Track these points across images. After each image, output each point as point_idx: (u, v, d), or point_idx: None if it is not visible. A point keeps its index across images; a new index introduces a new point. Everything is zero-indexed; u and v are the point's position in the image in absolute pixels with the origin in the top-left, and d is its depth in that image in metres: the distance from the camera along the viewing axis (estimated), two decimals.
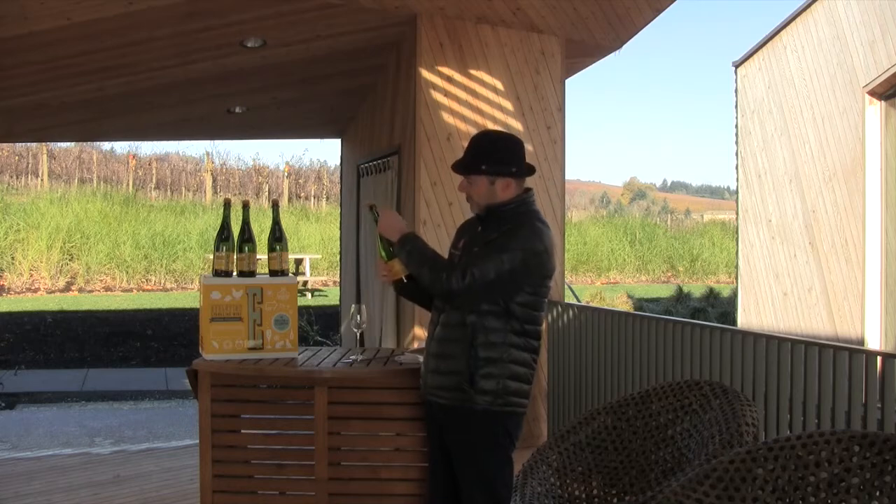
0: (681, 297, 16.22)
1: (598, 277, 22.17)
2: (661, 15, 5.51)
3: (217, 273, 3.33)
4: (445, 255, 2.99)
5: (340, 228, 8.65)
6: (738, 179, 10.27)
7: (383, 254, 2.97)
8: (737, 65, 10.11)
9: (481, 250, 2.75)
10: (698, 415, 2.61)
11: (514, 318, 2.73)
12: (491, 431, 2.77)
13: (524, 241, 2.74)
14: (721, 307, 14.93)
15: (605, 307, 8.51)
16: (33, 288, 17.37)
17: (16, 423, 7.91)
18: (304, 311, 10.90)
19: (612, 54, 6.21)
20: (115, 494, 4.51)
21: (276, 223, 3.39)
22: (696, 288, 17.95)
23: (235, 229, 3.39)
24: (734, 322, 10.56)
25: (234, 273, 3.36)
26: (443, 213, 5.24)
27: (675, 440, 2.66)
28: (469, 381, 2.72)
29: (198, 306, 3.38)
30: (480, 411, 2.73)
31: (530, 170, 2.90)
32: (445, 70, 5.27)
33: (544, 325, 3.03)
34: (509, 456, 2.82)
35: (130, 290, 17.82)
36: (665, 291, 18.49)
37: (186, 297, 16.44)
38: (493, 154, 2.82)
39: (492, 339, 2.72)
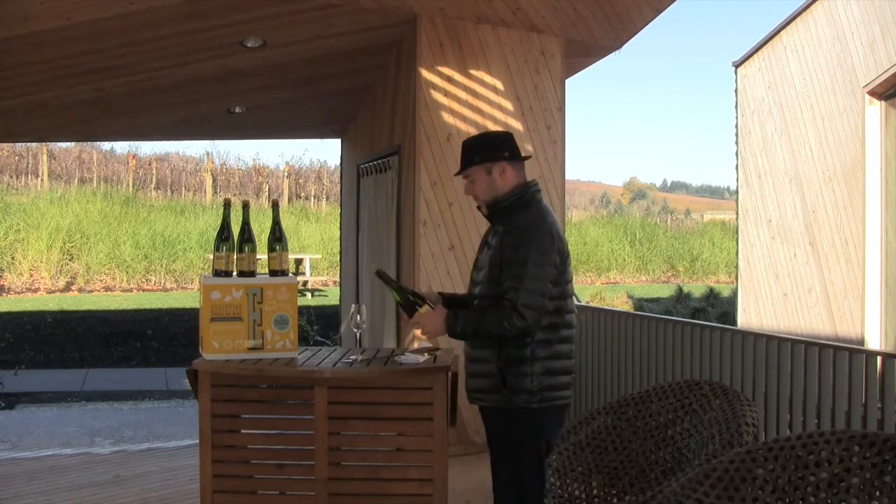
0: (681, 297, 16.22)
1: (598, 277, 22.17)
2: (661, 15, 5.51)
3: (217, 273, 3.33)
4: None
5: (340, 228, 8.65)
6: (738, 179, 10.27)
7: (408, 313, 3.02)
8: (737, 65, 10.11)
9: (507, 274, 2.77)
10: (698, 415, 2.61)
11: None
12: (529, 429, 2.85)
13: (529, 236, 2.80)
14: (721, 307, 14.93)
15: (605, 307, 8.51)
16: (33, 288, 17.37)
17: (16, 423, 7.91)
18: (304, 311, 10.90)
19: (612, 54, 6.22)
20: (115, 494, 4.51)
21: (276, 223, 3.39)
22: (696, 288, 17.95)
23: (235, 229, 3.38)
24: (734, 322, 10.56)
25: (234, 273, 3.36)
26: (443, 213, 5.24)
27: (675, 440, 2.66)
28: (501, 381, 2.82)
29: (198, 306, 3.38)
30: (517, 409, 2.82)
31: (523, 155, 3.00)
32: (445, 70, 5.28)
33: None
34: (543, 452, 2.87)
35: (130, 290, 17.82)
36: (665, 291, 18.49)
37: (186, 297, 16.43)
38: (482, 146, 2.97)
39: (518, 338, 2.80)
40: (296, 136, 16.89)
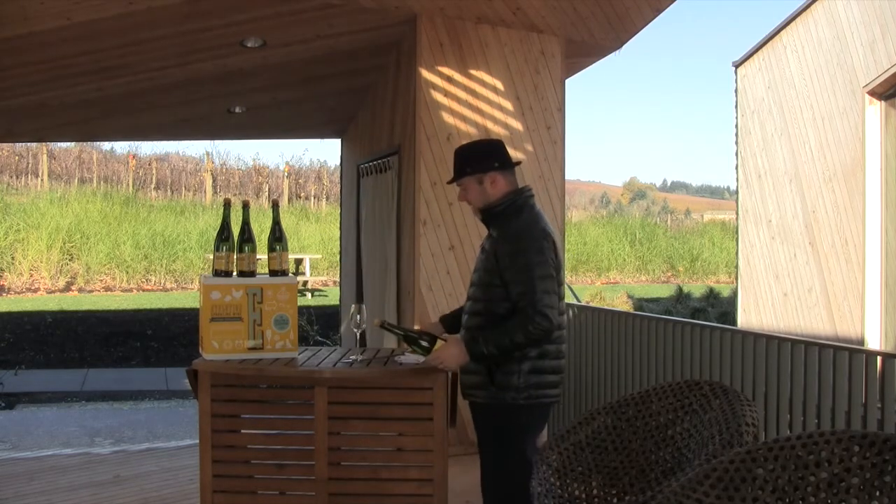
0: (681, 297, 16.22)
1: (598, 277, 22.16)
2: (661, 15, 5.51)
3: (217, 273, 3.33)
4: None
5: (340, 228, 8.65)
6: (738, 179, 10.27)
7: (421, 351, 3.05)
8: (737, 65, 10.11)
9: (515, 281, 2.82)
10: (698, 415, 2.61)
11: None
12: (516, 424, 2.91)
13: (524, 240, 2.86)
14: (721, 307, 14.92)
15: (605, 307, 8.51)
16: (33, 288, 17.37)
17: (16, 423, 7.91)
18: (304, 311, 10.90)
19: (612, 54, 6.22)
20: (115, 494, 4.51)
21: (276, 223, 3.39)
22: (696, 288, 17.94)
23: (235, 229, 3.39)
24: (734, 322, 10.56)
25: (234, 273, 3.36)
26: (443, 213, 5.24)
27: (675, 440, 2.66)
28: (489, 378, 2.87)
29: (198, 306, 3.38)
30: (505, 406, 2.88)
31: (514, 162, 3.07)
32: (445, 70, 5.27)
33: None
34: (529, 448, 2.92)
35: (130, 290, 17.82)
36: (665, 291, 18.49)
37: (186, 297, 16.43)
38: (474, 156, 3.05)
39: None
40: (296, 136, 16.88)
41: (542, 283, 2.79)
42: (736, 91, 10.20)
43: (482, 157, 3.02)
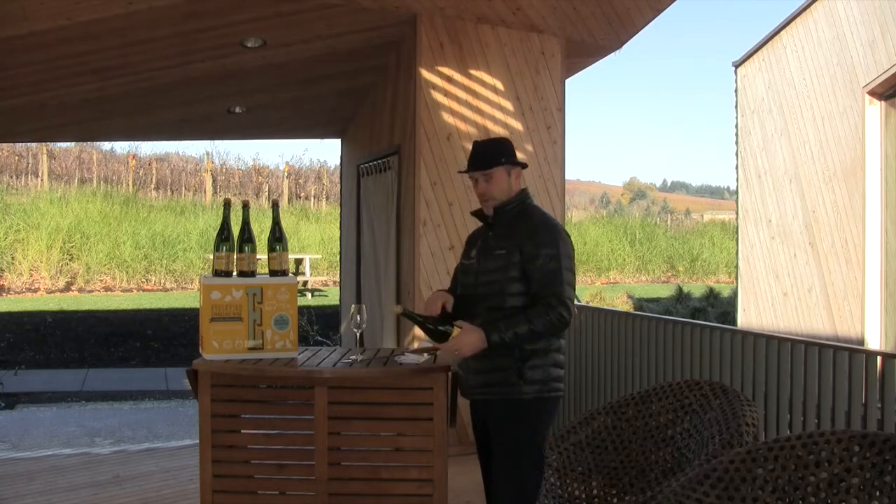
0: (681, 297, 16.21)
1: (598, 277, 22.16)
2: (661, 15, 5.51)
3: (217, 273, 3.33)
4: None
5: (340, 228, 8.65)
6: (738, 179, 10.27)
7: (440, 339, 2.99)
8: (737, 65, 10.11)
9: (542, 272, 2.88)
10: (698, 415, 2.61)
11: None
12: (537, 419, 2.94)
13: (553, 236, 2.96)
14: (721, 307, 14.92)
15: (605, 307, 8.51)
16: (33, 288, 17.37)
17: (16, 423, 7.91)
18: (304, 311, 10.89)
19: (612, 54, 6.22)
20: (115, 494, 4.51)
21: (276, 223, 3.40)
22: (696, 288, 17.94)
23: (235, 229, 3.39)
24: (734, 322, 10.56)
25: (234, 273, 3.36)
26: (443, 213, 5.24)
27: (675, 440, 2.66)
28: (518, 373, 2.89)
29: (198, 306, 3.38)
30: (529, 400, 2.91)
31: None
32: (445, 70, 5.28)
33: None
34: (542, 442, 2.94)
35: (130, 290, 17.82)
36: (665, 291, 18.48)
37: (186, 297, 16.44)
38: (504, 148, 3.11)
39: None
40: (296, 136, 16.89)
41: (569, 276, 2.91)
42: (736, 91, 10.20)
43: (511, 151, 3.11)
